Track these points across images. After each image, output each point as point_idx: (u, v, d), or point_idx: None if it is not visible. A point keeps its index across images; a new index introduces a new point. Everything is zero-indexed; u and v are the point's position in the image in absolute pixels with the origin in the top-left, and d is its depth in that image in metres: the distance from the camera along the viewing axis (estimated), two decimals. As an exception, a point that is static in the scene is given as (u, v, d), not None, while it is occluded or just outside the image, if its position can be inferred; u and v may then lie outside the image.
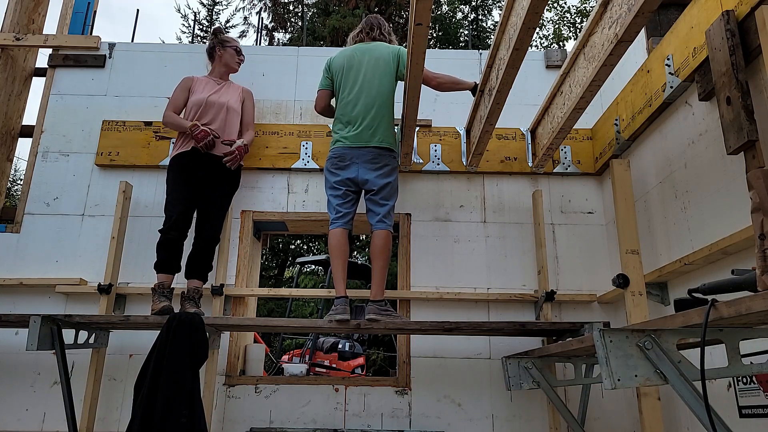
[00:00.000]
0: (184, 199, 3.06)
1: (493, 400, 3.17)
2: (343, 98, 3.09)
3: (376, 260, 2.87)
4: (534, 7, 2.05)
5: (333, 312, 2.78)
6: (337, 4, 13.37)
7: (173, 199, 3.06)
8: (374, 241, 2.90)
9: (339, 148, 3.03)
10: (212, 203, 3.15)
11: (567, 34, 16.47)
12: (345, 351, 7.02)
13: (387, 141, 3.01)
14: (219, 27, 3.74)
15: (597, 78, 2.32)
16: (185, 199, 3.06)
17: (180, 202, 3.04)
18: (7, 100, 3.76)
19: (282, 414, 3.14)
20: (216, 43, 3.43)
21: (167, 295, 2.94)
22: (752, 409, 2.13)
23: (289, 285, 11.92)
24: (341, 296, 2.82)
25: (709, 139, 2.43)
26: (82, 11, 4.08)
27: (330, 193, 3.03)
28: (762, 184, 1.44)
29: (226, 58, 3.41)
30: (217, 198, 3.18)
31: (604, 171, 3.49)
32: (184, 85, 3.33)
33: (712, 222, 2.39)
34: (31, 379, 3.18)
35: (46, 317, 2.62)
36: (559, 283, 3.37)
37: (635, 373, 1.51)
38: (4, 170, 3.79)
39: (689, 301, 1.62)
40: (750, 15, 2.05)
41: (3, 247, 3.41)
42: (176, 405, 2.39)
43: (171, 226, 2.99)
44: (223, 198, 3.23)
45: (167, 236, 2.99)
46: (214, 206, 3.16)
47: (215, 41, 3.44)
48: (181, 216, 3.01)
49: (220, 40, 3.43)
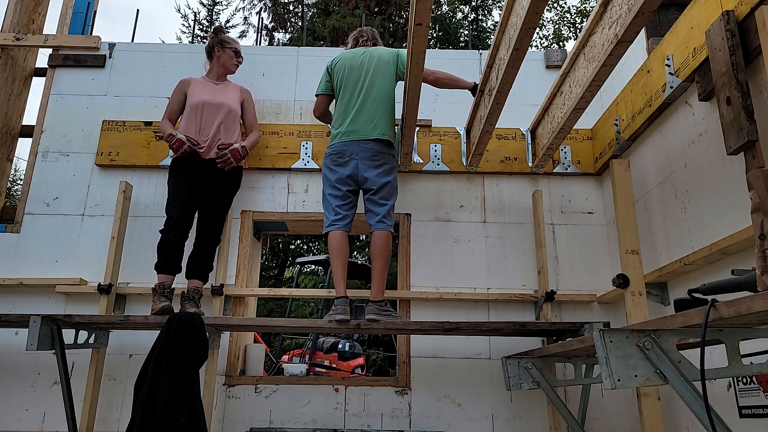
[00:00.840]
0: (185, 199, 3.06)
1: (493, 400, 3.17)
2: (345, 97, 3.09)
3: (376, 261, 2.86)
4: (534, 7, 2.05)
5: (333, 312, 2.78)
6: (337, 4, 13.37)
7: (173, 199, 3.07)
8: (374, 241, 2.90)
9: (338, 144, 3.01)
10: (212, 204, 3.15)
11: (567, 34, 16.47)
12: (345, 351, 7.02)
13: (387, 134, 3.00)
14: (220, 26, 3.71)
15: (597, 78, 2.32)
16: (185, 200, 3.06)
17: (180, 203, 3.04)
18: (7, 100, 3.76)
19: (282, 414, 3.14)
20: (215, 42, 3.42)
21: (167, 295, 2.94)
22: (752, 409, 2.13)
23: (289, 285, 11.92)
24: (341, 296, 2.82)
25: (709, 139, 2.43)
26: (82, 11, 4.08)
27: (329, 192, 3.00)
28: (762, 184, 1.45)
29: (224, 59, 3.40)
30: (217, 199, 3.17)
31: (604, 171, 3.49)
32: (180, 88, 3.32)
33: (712, 222, 2.39)
34: (31, 379, 3.18)
35: (46, 317, 2.62)
36: (559, 283, 3.37)
37: (635, 373, 1.51)
38: (4, 170, 3.79)
39: (689, 301, 1.62)
40: (750, 15, 2.05)
41: (3, 247, 3.41)
42: (176, 405, 2.39)
43: (171, 227, 2.99)
44: (223, 199, 3.22)
45: (167, 237, 2.99)
46: (214, 207, 3.16)
47: (215, 41, 3.43)
48: (181, 216, 3.01)
49: (219, 40, 3.42)
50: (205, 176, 3.13)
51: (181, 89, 3.31)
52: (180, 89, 3.31)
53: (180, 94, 3.30)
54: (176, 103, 3.29)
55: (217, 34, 3.47)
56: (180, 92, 3.31)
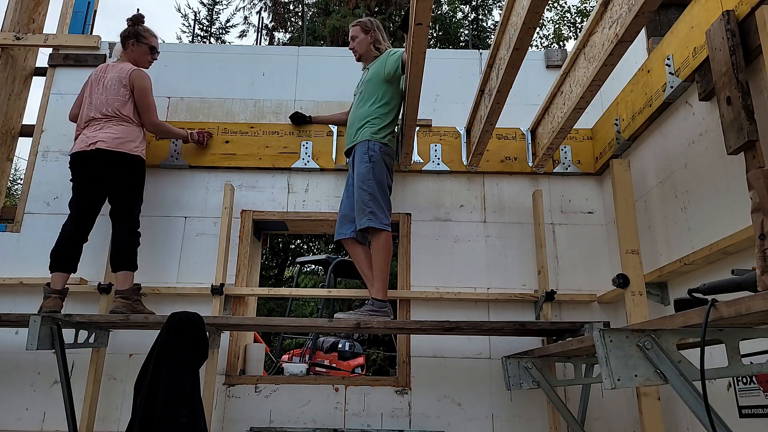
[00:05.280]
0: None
1: (493, 399, 3.17)
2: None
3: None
4: (534, 6, 2.06)
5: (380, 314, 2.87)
6: (337, 4, 13.36)
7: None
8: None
9: (392, 146, 3.15)
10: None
11: (567, 34, 16.46)
12: (345, 351, 7.00)
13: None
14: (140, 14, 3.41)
15: (597, 78, 2.32)
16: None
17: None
18: (7, 100, 3.76)
19: (282, 414, 3.14)
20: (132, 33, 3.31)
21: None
22: (752, 409, 2.13)
23: (289, 285, 11.92)
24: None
25: (709, 139, 2.43)
26: (82, 11, 4.07)
27: (384, 191, 3.02)
28: (762, 184, 1.45)
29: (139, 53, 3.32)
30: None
31: (604, 171, 3.49)
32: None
33: (712, 222, 2.39)
34: (31, 379, 3.18)
35: (46, 317, 2.62)
36: (559, 283, 3.37)
37: (635, 373, 1.51)
38: (4, 170, 3.79)
39: (689, 301, 1.62)
40: (750, 15, 2.05)
41: (3, 247, 3.41)
42: (176, 405, 2.38)
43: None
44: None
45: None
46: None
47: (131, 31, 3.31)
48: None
49: (136, 32, 3.31)
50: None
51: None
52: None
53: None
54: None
55: (135, 23, 3.33)
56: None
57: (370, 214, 2.89)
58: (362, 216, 2.91)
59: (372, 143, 3.04)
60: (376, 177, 2.97)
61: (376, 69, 3.18)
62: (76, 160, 3.06)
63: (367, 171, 2.97)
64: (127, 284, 2.95)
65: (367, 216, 2.89)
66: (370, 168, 2.98)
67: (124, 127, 3.09)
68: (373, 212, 2.90)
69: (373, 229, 2.91)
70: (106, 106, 3.10)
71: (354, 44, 3.33)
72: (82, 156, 3.03)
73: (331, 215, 3.46)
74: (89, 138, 3.04)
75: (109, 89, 3.14)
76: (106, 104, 3.10)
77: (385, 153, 3.06)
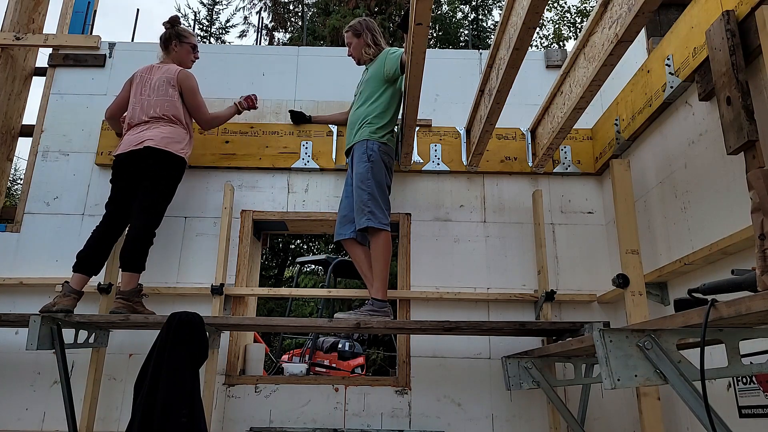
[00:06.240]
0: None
1: (493, 399, 3.17)
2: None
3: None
4: (534, 6, 2.06)
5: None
6: (337, 4, 13.37)
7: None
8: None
9: (391, 145, 3.15)
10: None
11: (567, 34, 16.46)
12: (345, 351, 7.01)
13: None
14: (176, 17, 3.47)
15: (597, 78, 2.32)
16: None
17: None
18: (7, 100, 3.76)
19: (282, 414, 3.14)
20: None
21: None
22: (752, 409, 2.13)
23: (289, 285, 11.92)
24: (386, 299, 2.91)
25: (709, 139, 2.43)
26: (82, 11, 4.08)
27: (383, 191, 3.01)
28: (762, 184, 1.45)
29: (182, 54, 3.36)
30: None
31: (604, 171, 3.49)
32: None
33: (712, 222, 2.39)
34: (31, 379, 3.18)
35: (46, 317, 2.62)
36: (559, 283, 3.37)
37: (635, 373, 1.51)
38: (4, 170, 3.79)
39: (689, 301, 1.62)
40: (750, 15, 2.05)
41: (3, 247, 3.41)
42: (176, 405, 2.38)
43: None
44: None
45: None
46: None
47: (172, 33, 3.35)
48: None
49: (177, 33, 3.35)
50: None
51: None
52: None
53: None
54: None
55: (173, 25, 3.37)
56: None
57: (369, 214, 2.89)
58: (361, 216, 2.91)
59: (371, 143, 3.04)
60: (375, 177, 2.97)
61: (376, 69, 3.18)
62: (123, 160, 3.07)
63: (365, 171, 2.97)
64: (130, 285, 2.94)
65: (367, 216, 2.89)
66: (368, 167, 2.98)
67: (172, 128, 3.11)
68: (373, 212, 2.90)
69: (372, 229, 2.91)
70: (154, 107, 3.12)
71: (350, 50, 3.37)
72: (130, 155, 3.04)
73: (331, 215, 3.46)
74: (137, 138, 3.06)
75: (157, 90, 3.16)
76: (154, 106, 3.13)
77: (384, 152, 3.06)
